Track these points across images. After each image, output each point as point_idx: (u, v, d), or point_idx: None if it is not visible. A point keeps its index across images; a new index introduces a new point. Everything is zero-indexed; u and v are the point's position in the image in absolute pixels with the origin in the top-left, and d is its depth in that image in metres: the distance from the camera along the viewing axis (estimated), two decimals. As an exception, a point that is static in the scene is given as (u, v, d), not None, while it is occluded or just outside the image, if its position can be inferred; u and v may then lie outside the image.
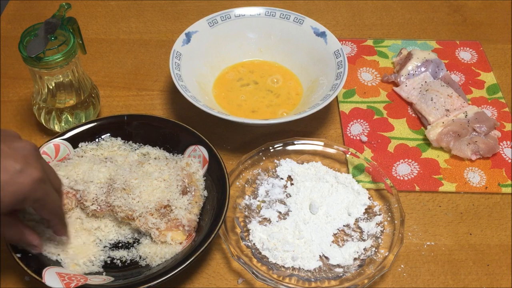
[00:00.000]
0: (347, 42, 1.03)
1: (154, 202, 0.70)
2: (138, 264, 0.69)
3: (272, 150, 0.80)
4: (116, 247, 0.71)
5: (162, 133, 0.80)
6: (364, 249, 0.71)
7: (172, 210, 0.70)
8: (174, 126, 0.80)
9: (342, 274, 0.69)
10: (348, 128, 0.89)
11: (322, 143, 0.81)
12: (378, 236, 0.72)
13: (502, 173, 0.83)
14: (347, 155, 0.81)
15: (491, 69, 0.99)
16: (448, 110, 0.87)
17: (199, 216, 0.73)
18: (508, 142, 0.87)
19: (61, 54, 0.75)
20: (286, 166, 0.80)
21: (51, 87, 0.80)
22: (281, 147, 0.81)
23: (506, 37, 1.06)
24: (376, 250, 0.71)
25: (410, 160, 0.84)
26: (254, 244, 0.72)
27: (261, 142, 0.83)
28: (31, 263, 0.65)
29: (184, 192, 0.72)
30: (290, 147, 0.81)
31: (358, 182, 0.78)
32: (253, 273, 0.67)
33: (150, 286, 0.63)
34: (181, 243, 0.69)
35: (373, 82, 0.96)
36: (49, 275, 0.63)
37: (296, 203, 0.75)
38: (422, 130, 0.88)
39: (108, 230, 0.72)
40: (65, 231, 0.68)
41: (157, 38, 1.05)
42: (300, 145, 0.81)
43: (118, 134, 0.80)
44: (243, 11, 0.95)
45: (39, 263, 0.65)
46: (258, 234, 0.72)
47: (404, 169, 0.83)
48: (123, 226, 0.73)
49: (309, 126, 0.89)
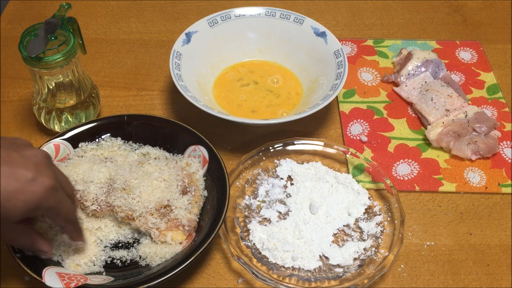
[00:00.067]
0: (347, 42, 1.03)
1: (154, 202, 0.70)
2: (138, 264, 0.69)
3: (272, 150, 0.80)
4: (116, 247, 0.71)
5: (162, 133, 0.80)
6: (364, 249, 0.71)
7: (172, 210, 0.70)
8: (174, 126, 0.80)
9: (342, 274, 0.69)
10: (348, 128, 0.89)
11: (322, 143, 0.81)
12: (378, 236, 0.72)
13: (502, 173, 0.83)
14: (347, 155, 0.81)
15: (491, 69, 0.99)
16: (448, 110, 0.87)
17: (199, 216, 0.73)
18: (508, 142, 0.86)
19: (61, 54, 0.75)
20: (286, 166, 0.80)
21: (51, 87, 0.80)
22: (281, 147, 0.81)
23: (506, 37, 1.06)
24: (376, 250, 0.71)
25: (410, 160, 0.84)
26: (254, 244, 0.72)
27: (261, 142, 0.83)
28: (31, 263, 0.65)
29: (184, 192, 0.72)
30: (290, 147, 0.81)
31: (358, 182, 0.78)
32: (253, 273, 0.67)
33: (150, 286, 0.63)
34: (181, 243, 0.69)
35: (373, 82, 0.96)
36: (49, 275, 0.63)
37: (296, 203, 0.75)
38: (422, 130, 0.88)
39: (108, 230, 0.72)
40: (81, 237, 0.67)
41: (157, 38, 1.05)
42: (300, 145, 0.81)
43: (118, 134, 0.80)
44: (243, 11, 0.95)
45: (39, 263, 0.65)
46: (258, 234, 0.72)
47: (404, 169, 0.83)
48: (123, 226, 0.73)
49: (309, 126, 0.89)
